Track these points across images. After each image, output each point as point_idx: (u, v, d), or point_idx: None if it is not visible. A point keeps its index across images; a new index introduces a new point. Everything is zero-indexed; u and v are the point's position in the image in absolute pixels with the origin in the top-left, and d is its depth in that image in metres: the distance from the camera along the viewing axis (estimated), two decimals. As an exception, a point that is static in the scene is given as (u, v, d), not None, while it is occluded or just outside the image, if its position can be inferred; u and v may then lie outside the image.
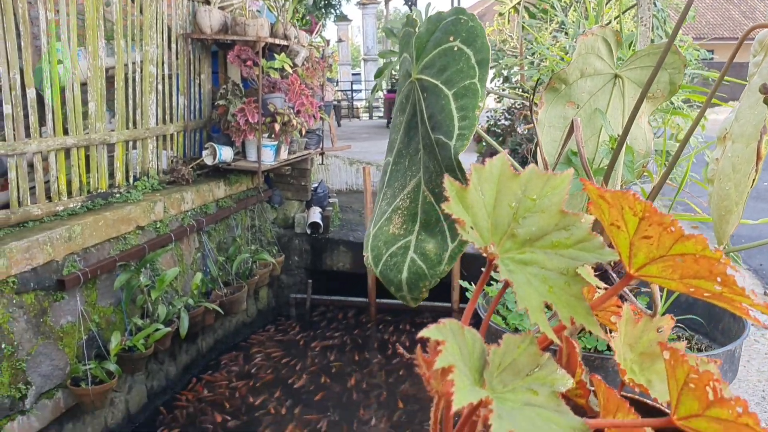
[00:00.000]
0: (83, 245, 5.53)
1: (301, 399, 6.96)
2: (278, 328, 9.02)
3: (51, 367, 5.21)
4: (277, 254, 8.83)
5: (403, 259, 1.54)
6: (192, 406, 6.76)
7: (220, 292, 7.29)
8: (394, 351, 8.26)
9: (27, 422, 4.99)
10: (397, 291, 1.59)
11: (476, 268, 8.65)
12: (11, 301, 4.85)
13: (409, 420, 6.55)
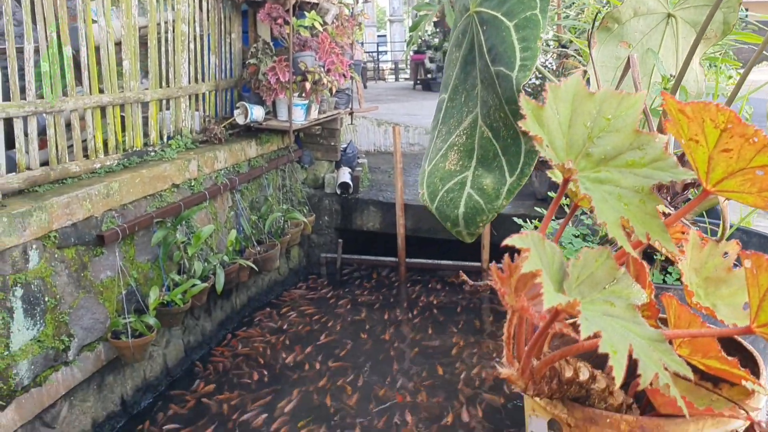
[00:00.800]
0: (121, 202, 5.62)
1: (332, 355, 7.06)
2: (309, 287, 9.12)
3: (92, 321, 5.34)
4: (308, 214, 8.88)
5: (459, 194, 1.55)
6: (227, 361, 6.90)
7: (253, 250, 7.37)
8: (424, 309, 8.32)
9: (70, 373, 5.13)
10: (453, 226, 1.61)
11: (506, 229, 8.64)
12: (53, 256, 4.96)
13: (438, 376, 6.62)
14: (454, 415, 5.92)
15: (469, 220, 1.49)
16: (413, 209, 9.14)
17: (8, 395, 4.54)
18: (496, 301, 8.65)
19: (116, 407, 5.70)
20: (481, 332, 7.75)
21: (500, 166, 1.51)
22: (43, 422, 4.90)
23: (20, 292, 4.65)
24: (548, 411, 1.06)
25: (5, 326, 4.52)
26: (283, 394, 6.25)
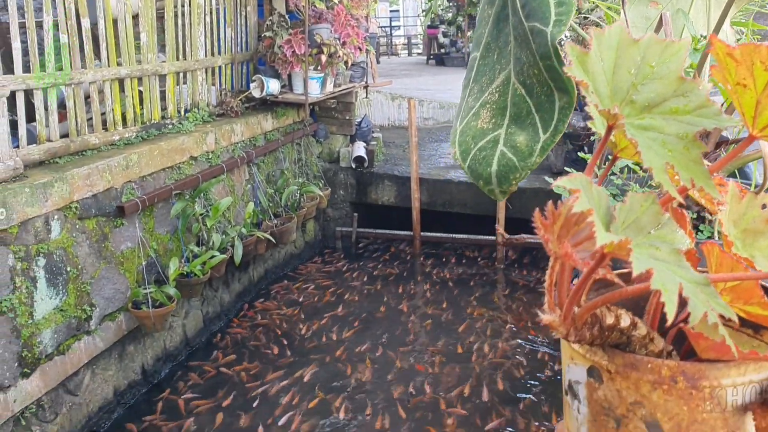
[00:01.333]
0: (140, 174, 5.65)
1: (349, 327, 7.11)
2: (325, 260, 9.17)
3: (113, 291, 5.40)
4: (324, 188, 8.90)
5: (492, 152, 1.55)
6: (245, 332, 6.97)
7: (270, 223, 7.41)
8: (438, 282, 8.35)
9: (92, 342, 5.21)
10: (486, 185, 1.61)
11: (522, 203, 8.64)
12: (74, 226, 5.01)
13: (453, 348, 6.66)
14: (471, 386, 5.97)
15: (502, 177, 1.50)
16: (428, 183, 9.14)
17: (33, 363, 4.62)
18: (510, 275, 8.67)
19: (137, 376, 5.79)
20: (495, 305, 7.78)
21: (533, 124, 1.51)
22: (66, 390, 4.98)
23: (43, 262, 4.71)
24: (588, 358, 1.08)
25: (29, 295, 4.58)
26: (300, 365, 6.31)
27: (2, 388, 4.38)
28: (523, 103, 1.50)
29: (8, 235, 4.41)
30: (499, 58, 1.56)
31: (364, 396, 5.83)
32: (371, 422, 5.45)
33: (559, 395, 5.79)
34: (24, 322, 4.54)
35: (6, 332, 4.41)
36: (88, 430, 5.18)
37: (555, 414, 5.57)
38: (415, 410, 5.62)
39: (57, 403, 4.89)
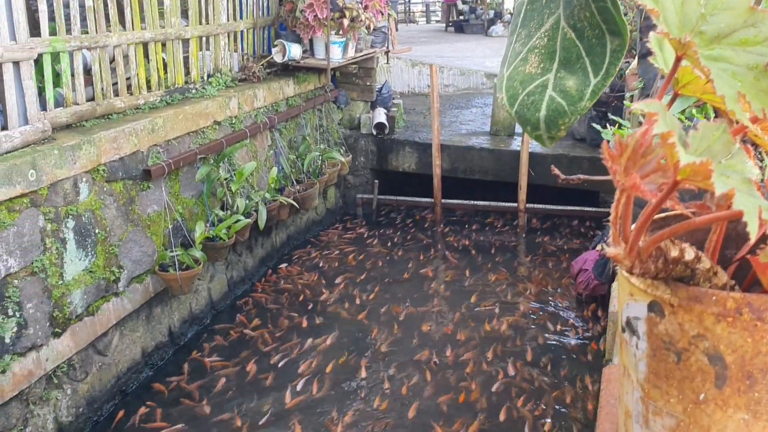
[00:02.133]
0: (165, 137, 5.67)
1: (370, 292, 7.15)
2: (346, 227, 9.19)
3: (140, 253, 5.46)
4: (345, 154, 8.89)
5: (541, 97, 1.54)
6: (268, 297, 7.03)
7: (292, 189, 7.43)
8: (459, 248, 8.36)
9: (121, 304, 5.28)
10: (534, 130, 1.60)
11: (544, 169, 8.59)
12: (102, 189, 5.05)
13: (475, 313, 6.69)
14: (493, 350, 6.00)
15: (551, 123, 1.48)
16: (449, 150, 9.10)
17: (63, 323, 4.69)
18: (531, 242, 8.65)
19: (164, 338, 5.87)
20: (517, 271, 7.78)
21: (584, 68, 1.50)
22: (96, 350, 5.07)
23: (72, 223, 4.76)
24: (649, 293, 1.08)
25: (59, 256, 4.64)
26: (323, 328, 6.37)
27: (35, 347, 4.46)
28: (573, 47, 1.49)
29: (38, 196, 4.46)
30: (548, 2, 1.54)
31: (388, 359, 5.88)
32: (395, 384, 5.51)
33: (581, 357, 5.82)
34: (54, 282, 4.61)
35: (37, 292, 4.48)
36: (117, 389, 5.28)
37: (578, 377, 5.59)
38: (437, 372, 5.66)
39: (87, 362, 4.97)
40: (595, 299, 6.82)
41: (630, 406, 1.17)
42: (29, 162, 4.34)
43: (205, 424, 5.01)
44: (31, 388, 4.46)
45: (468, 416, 5.09)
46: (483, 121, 10.38)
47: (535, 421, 5.03)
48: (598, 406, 1.18)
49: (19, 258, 4.31)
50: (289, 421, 5.04)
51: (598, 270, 6.77)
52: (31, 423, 4.48)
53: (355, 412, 5.14)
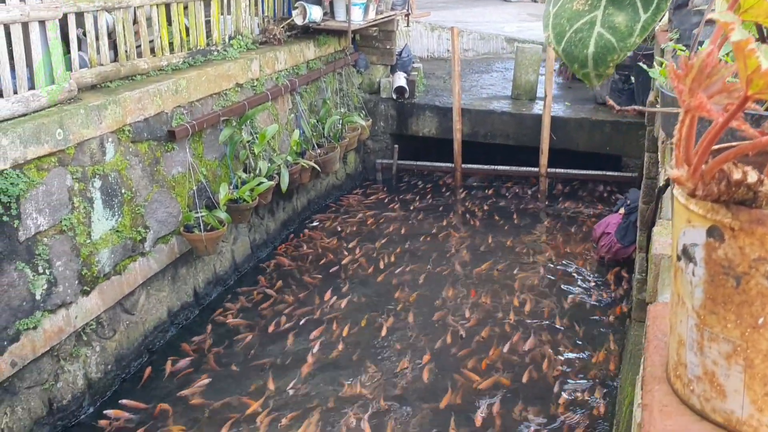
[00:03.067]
0: (188, 99, 5.68)
1: (390, 255, 7.16)
2: (366, 192, 9.19)
3: (165, 214, 5.50)
4: (365, 118, 8.85)
5: (588, 34, 1.52)
6: (290, 259, 7.07)
7: (313, 153, 7.42)
8: (480, 213, 8.35)
9: (147, 264, 5.33)
10: (582, 68, 1.59)
11: (566, 134, 8.52)
12: (128, 149, 5.07)
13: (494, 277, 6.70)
14: (513, 311, 6.02)
15: (599, 59, 1.47)
16: (470, 114, 9.04)
17: (92, 281, 4.75)
18: (552, 206, 8.62)
19: (189, 298, 5.93)
20: (537, 236, 7.77)
21: (633, 4, 1.48)
22: (123, 309, 5.14)
23: (99, 183, 4.80)
24: (709, 218, 1.07)
25: (87, 215, 4.69)
26: (343, 291, 6.41)
27: (64, 304, 4.53)
28: (623, -18, 1.47)
29: (66, 155, 4.49)
30: (597, -63, 1.52)
31: (408, 320, 5.91)
32: (416, 346, 5.54)
33: (604, 318, 5.82)
34: (83, 241, 4.65)
35: (66, 250, 4.53)
36: (144, 347, 5.36)
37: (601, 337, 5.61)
38: (459, 334, 5.69)
39: (115, 321, 5.05)
40: (617, 262, 6.81)
41: (684, 334, 1.17)
42: (56, 121, 4.37)
43: (230, 382, 5.08)
44: (61, 345, 4.53)
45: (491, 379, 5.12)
46: (504, 85, 10.29)
47: (558, 381, 5.05)
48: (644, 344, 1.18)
49: (48, 216, 4.36)
50: (310, 379, 5.09)
51: (621, 233, 6.75)
52: (62, 378, 4.56)
53: (375, 372, 5.18)
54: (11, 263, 4.11)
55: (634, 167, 8.61)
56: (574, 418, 4.64)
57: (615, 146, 8.76)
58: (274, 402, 4.85)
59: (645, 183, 4.34)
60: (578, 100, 9.56)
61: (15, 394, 4.22)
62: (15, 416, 4.21)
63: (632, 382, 3.85)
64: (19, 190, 4.08)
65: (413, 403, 4.84)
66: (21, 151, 4.10)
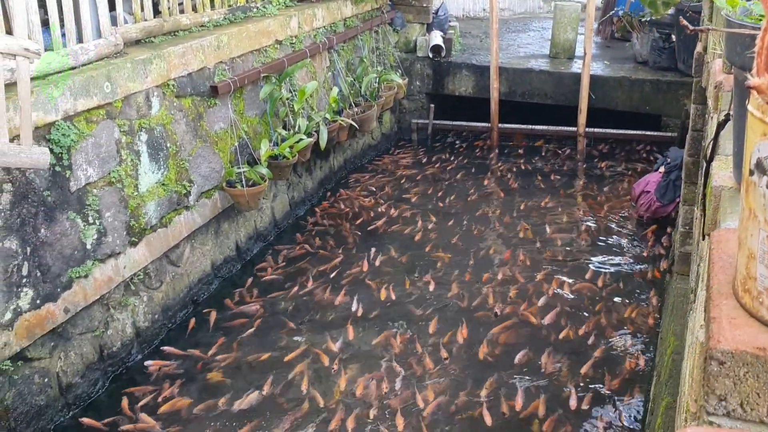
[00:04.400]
0: (230, 55, 5.72)
1: (426, 216, 7.18)
2: (401, 152, 9.21)
3: (209, 169, 5.59)
4: (401, 77, 8.83)
5: (656, -40, 1.53)
6: (327, 218, 7.14)
7: (350, 111, 7.45)
8: (516, 173, 8.32)
9: (191, 217, 5.44)
10: (647, -4, 1.59)
11: (605, 92, 8.42)
12: (172, 104, 5.15)
13: (533, 235, 6.70)
14: (551, 268, 6.03)
15: (666, -14, 1.47)
16: (507, 72, 8.97)
17: (139, 233, 4.87)
18: (589, 166, 8.56)
19: (231, 252, 6.04)
20: (575, 196, 7.74)
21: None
22: (169, 260, 5.26)
23: (145, 137, 4.88)
24: (786, 129, 1.09)
25: (134, 168, 4.79)
26: (379, 249, 6.44)
27: (113, 254, 4.65)
28: None
29: (113, 108, 4.57)
30: None
31: (445, 279, 5.95)
32: (452, 303, 5.58)
33: (643, 276, 5.81)
34: (130, 193, 4.76)
35: (115, 202, 4.64)
36: (189, 299, 5.49)
37: (640, 294, 5.61)
38: (497, 294, 5.73)
39: (161, 272, 5.17)
40: (656, 221, 6.77)
41: (754, 248, 1.19)
42: (104, 74, 4.44)
43: (270, 336, 5.18)
44: (111, 294, 4.67)
45: (530, 336, 5.16)
46: (541, 44, 10.17)
47: (597, 335, 5.08)
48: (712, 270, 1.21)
49: (98, 168, 4.46)
50: (347, 334, 5.16)
51: (661, 192, 6.70)
52: (112, 326, 4.71)
53: (410, 331, 5.23)
54: (63, 212, 4.23)
55: (674, 127, 8.49)
56: (613, 371, 4.68)
57: (655, 105, 8.64)
58: (312, 356, 4.94)
59: (691, 135, 4.30)
60: (617, 59, 9.43)
61: (68, 340, 4.37)
62: (69, 361, 4.37)
63: (674, 332, 3.88)
64: (70, 141, 4.18)
65: (455, 359, 4.91)
66: (71, 103, 4.19)
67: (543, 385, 4.57)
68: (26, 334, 4.02)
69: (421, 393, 4.50)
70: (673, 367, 3.40)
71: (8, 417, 3.95)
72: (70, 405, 4.39)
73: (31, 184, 4.00)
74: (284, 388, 4.60)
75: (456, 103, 9.67)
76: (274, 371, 4.77)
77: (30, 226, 4.00)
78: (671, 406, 3.09)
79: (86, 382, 4.50)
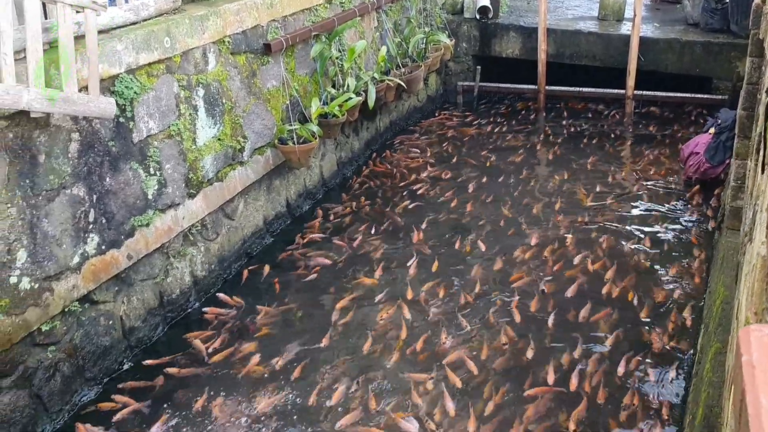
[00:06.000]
0: (282, 13, 5.81)
1: (471, 177, 7.23)
2: (446, 114, 9.23)
3: (261, 126, 5.72)
4: (448, 38, 8.81)
5: None
6: (373, 177, 7.24)
7: (398, 71, 7.49)
8: (562, 135, 8.29)
9: (245, 173, 5.58)
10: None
11: (654, 55, 8.32)
12: (227, 60, 5.27)
13: (579, 198, 6.71)
14: (598, 231, 6.05)
15: None
16: (555, 34, 8.90)
17: (197, 185, 5.03)
18: (638, 129, 8.48)
19: (282, 208, 6.19)
20: (623, 158, 7.69)
21: None
22: (224, 214, 5.42)
23: (202, 92, 5.02)
24: None
25: (192, 122, 4.94)
26: (423, 210, 6.51)
27: (173, 205, 4.83)
28: None
29: (173, 63, 4.71)
30: None
31: (492, 240, 6.01)
32: (500, 262, 5.64)
33: (689, 235, 5.81)
34: (189, 146, 4.92)
35: (174, 154, 4.80)
36: (243, 251, 5.66)
37: (687, 252, 5.61)
38: (545, 257, 5.78)
39: (217, 224, 5.34)
40: (704, 182, 6.72)
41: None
42: (164, 29, 4.58)
43: (319, 290, 5.32)
44: (170, 243, 4.85)
45: (579, 294, 5.21)
46: (589, 6, 10.04)
47: (645, 294, 5.11)
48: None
49: (158, 121, 4.62)
50: (395, 288, 5.28)
51: (710, 153, 6.64)
52: (171, 274, 4.90)
53: (454, 289, 5.32)
54: (127, 163, 4.40)
55: (725, 89, 8.36)
56: (662, 325, 4.72)
57: (705, 68, 8.50)
58: (357, 307, 5.07)
59: (745, 89, 4.27)
60: (667, 22, 9.27)
61: (131, 286, 4.57)
62: (131, 305, 4.57)
63: (724, 283, 3.91)
64: (132, 93, 4.33)
65: (502, 311, 5.00)
66: (133, 56, 4.34)
67: (592, 338, 4.64)
68: (92, 278, 4.22)
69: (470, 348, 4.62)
70: (722, 315, 3.44)
71: (77, 355, 4.17)
72: (133, 347, 4.61)
73: (97, 134, 4.17)
74: (331, 339, 4.75)
75: (503, 65, 9.62)
76: (323, 325, 4.92)
77: (96, 175, 4.18)
78: (721, 351, 3.15)
79: (147, 326, 4.72)
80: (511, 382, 4.28)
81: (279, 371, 4.45)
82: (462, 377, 4.31)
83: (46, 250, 3.89)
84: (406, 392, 4.21)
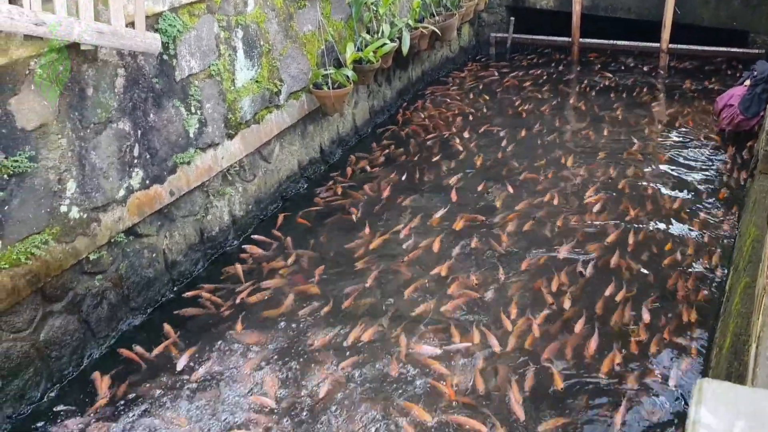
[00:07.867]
0: (318, -43, 5.85)
1: (504, 128, 7.25)
2: (479, 66, 9.21)
3: (297, 70, 5.79)
4: (482, -11, 8.77)
5: None
6: (404, 126, 7.29)
7: (432, 20, 7.49)
8: (594, 88, 8.26)
9: (281, 116, 5.68)
10: None
11: (692, 6, 8.20)
12: (265, 3, 5.33)
13: (614, 152, 6.72)
14: (630, 183, 6.08)
15: None
16: (591, -15, 8.80)
17: (235, 126, 5.15)
18: (672, 83, 8.42)
19: (316, 154, 6.30)
20: (656, 112, 7.65)
21: None
22: (261, 156, 5.54)
23: (241, 34, 5.10)
24: None
25: (231, 63, 5.03)
26: (458, 161, 6.57)
27: (213, 144, 4.95)
28: None
29: (213, 3, 4.79)
30: None
31: (524, 193, 6.04)
32: (530, 211, 5.70)
33: (722, 186, 5.82)
34: (228, 87, 5.02)
35: (214, 94, 4.91)
36: (278, 194, 5.78)
37: (719, 204, 5.63)
38: (574, 220, 5.83)
39: (254, 166, 5.46)
40: (738, 134, 6.69)
41: None
42: (205, -31, 4.64)
43: (351, 234, 5.39)
44: (210, 182, 4.99)
45: (607, 250, 5.27)
46: (626, -42, 9.88)
47: (675, 243, 5.14)
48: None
49: (199, 60, 4.72)
50: (428, 234, 5.36)
51: (745, 105, 6.59)
52: (211, 212, 5.04)
53: (483, 238, 5.41)
54: (169, 100, 4.52)
55: (762, 43, 8.25)
56: (691, 266, 4.77)
57: (742, 21, 8.38)
58: (383, 255, 5.18)
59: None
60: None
61: (173, 221, 4.72)
62: (173, 240, 4.73)
63: (756, 223, 3.95)
64: (175, 31, 4.42)
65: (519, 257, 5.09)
66: (176, -5, 4.43)
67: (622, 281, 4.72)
68: (137, 211, 4.37)
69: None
70: (752, 253, 3.50)
71: (122, 285, 4.35)
72: (175, 281, 4.78)
73: (142, 70, 4.28)
74: (355, 277, 4.89)
75: (537, 17, 9.55)
76: (347, 267, 5.04)
77: (140, 110, 4.30)
78: (750, 285, 3.21)
79: (188, 261, 4.88)
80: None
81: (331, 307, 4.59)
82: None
83: (93, 181, 4.03)
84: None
